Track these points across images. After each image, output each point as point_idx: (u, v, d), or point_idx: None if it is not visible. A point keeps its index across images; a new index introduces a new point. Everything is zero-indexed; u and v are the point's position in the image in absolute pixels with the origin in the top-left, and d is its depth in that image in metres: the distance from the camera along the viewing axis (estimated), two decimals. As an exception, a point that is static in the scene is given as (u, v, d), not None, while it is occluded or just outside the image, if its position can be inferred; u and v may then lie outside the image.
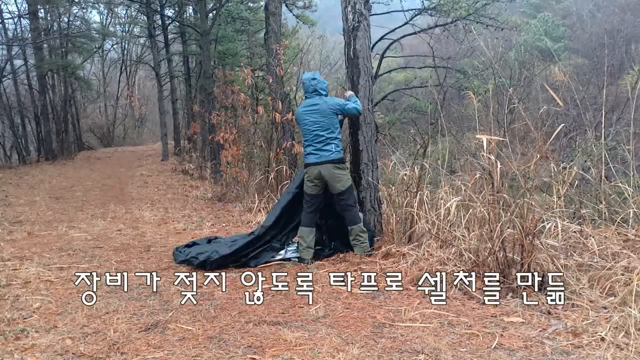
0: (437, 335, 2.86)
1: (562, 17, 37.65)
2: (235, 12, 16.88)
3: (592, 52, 20.81)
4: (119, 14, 25.11)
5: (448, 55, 13.92)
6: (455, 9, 11.36)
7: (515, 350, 2.64)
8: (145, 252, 5.25)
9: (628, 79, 15.99)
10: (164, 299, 3.62)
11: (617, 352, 2.54)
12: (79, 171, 15.12)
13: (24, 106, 18.42)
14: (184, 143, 17.69)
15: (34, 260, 4.90)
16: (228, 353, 2.70)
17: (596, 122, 6.08)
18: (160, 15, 17.19)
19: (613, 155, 4.96)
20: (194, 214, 7.86)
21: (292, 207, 4.87)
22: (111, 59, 28.94)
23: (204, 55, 12.48)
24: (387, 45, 13.02)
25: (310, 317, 3.18)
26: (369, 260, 4.45)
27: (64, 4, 18.01)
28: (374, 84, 5.49)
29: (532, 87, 14.96)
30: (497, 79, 8.47)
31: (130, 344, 2.84)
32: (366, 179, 4.90)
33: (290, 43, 12.19)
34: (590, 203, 4.39)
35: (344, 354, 2.62)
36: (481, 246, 3.77)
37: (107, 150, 22.19)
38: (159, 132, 19.86)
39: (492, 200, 3.73)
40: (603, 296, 3.17)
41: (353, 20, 4.87)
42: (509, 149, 4.09)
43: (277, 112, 7.97)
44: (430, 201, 4.83)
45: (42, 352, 2.76)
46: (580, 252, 3.71)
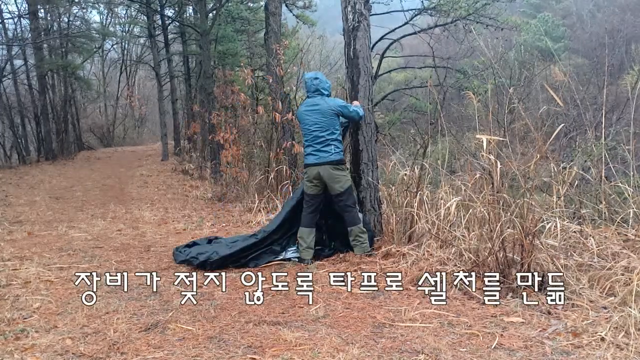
0: (437, 335, 2.86)
1: (562, 17, 37.63)
2: (235, 12, 16.88)
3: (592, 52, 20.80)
4: (119, 14, 25.12)
5: (448, 55, 13.92)
6: (455, 9, 11.36)
7: (515, 350, 2.64)
8: (145, 252, 5.25)
9: (628, 79, 15.99)
10: (164, 299, 3.62)
11: (617, 352, 2.54)
12: (79, 171, 15.12)
13: (24, 106, 18.41)
14: (184, 143, 17.69)
15: (34, 260, 4.90)
16: (228, 353, 2.70)
17: (596, 122, 6.08)
18: (160, 15, 17.19)
19: (613, 155, 4.96)
20: (194, 214, 7.86)
21: (295, 213, 4.88)
22: (111, 59, 28.93)
23: (204, 55, 12.49)
24: (387, 45, 13.02)
25: (310, 317, 3.18)
26: (369, 260, 4.45)
27: (64, 4, 18.00)
28: (374, 84, 5.49)
29: (532, 87, 14.97)
30: (497, 79, 8.47)
31: (130, 344, 2.84)
32: (366, 179, 4.90)
33: (290, 43, 12.18)
34: (590, 203, 4.39)
35: (344, 354, 2.62)
36: (481, 246, 3.77)
37: (107, 150, 22.18)
38: (159, 132, 19.86)
39: (492, 200, 3.73)
40: (603, 296, 3.17)
41: (353, 20, 4.87)
42: (509, 149, 4.09)
43: (277, 112, 7.97)
44: (430, 201, 4.83)
45: (42, 352, 2.76)
46: (580, 252, 3.72)
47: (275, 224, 4.87)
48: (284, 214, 4.95)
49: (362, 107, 4.81)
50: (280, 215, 5.00)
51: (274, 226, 4.85)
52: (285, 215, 4.91)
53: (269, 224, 5.07)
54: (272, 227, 4.84)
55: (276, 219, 5.00)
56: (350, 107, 4.69)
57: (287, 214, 4.91)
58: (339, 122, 4.76)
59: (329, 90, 4.82)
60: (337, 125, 4.70)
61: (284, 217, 4.91)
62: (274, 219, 5.10)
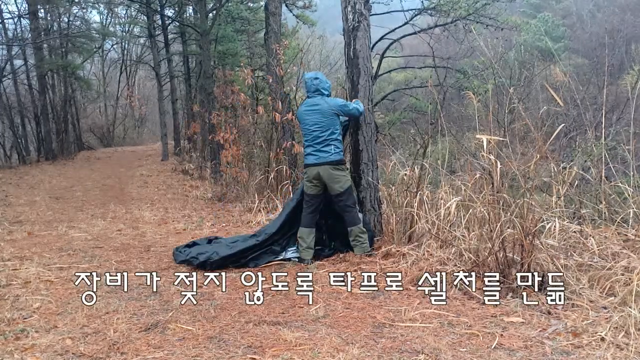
0: (437, 335, 2.86)
1: (562, 17, 37.63)
2: (235, 12, 16.88)
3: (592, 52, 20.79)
4: (119, 14, 25.11)
5: (448, 55, 13.91)
6: (455, 9, 11.35)
7: (515, 350, 2.64)
8: (145, 252, 5.25)
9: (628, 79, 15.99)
10: (164, 299, 3.62)
11: (617, 352, 2.54)
12: (79, 171, 15.12)
13: (24, 106, 18.41)
14: (184, 143, 17.69)
15: (34, 260, 4.90)
16: (228, 353, 2.70)
17: (596, 122, 6.08)
18: (160, 15, 17.19)
19: (613, 155, 4.96)
20: (194, 214, 7.86)
21: (295, 214, 4.88)
22: (111, 59, 28.93)
23: (204, 55, 12.49)
24: (387, 45, 13.02)
25: (310, 317, 3.18)
26: (369, 260, 4.45)
27: (64, 4, 18.01)
28: (374, 84, 5.49)
29: (532, 87, 14.97)
30: (497, 79, 8.47)
31: (130, 344, 2.84)
32: (366, 179, 4.90)
33: (290, 43, 12.18)
34: (590, 203, 4.39)
35: (344, 354, 2.62)
36: (481, 246, 3.77)
37: (107, 150, 22.18)
38: (159, 132, 19.86)
39: (492, 200, 3.73)
40: (603, 296, 3.17)
41: (353, 20, 4.87)
42: (509, 149, 4.09)
43: (277, 112, 7.97)
44: (430, 201, 4.83)
45: (42, 352, 2.76)
46: (580, 252, 3.71)
47: (276, 226, 4.88)
48: (284, 216, 4.96)
49: (360, 102, 4.81)
50: (281, 216, 5.01)
51: (275, 228, 4.86)
52: (286, 217, 4.92)
53: (269, 225, 5.07)
54: (273, 229, 4.85)
55: (277, 221, 5.00)
56: (350, 105, 4.69)
57: (287, 216, 4.92)
58: (340, 122, 4.76)
59: (329, 90, 4.82)
60: (338, 125, 4.70)
61: (284, 218, 4.91)
62: (274, 220, 5.10)
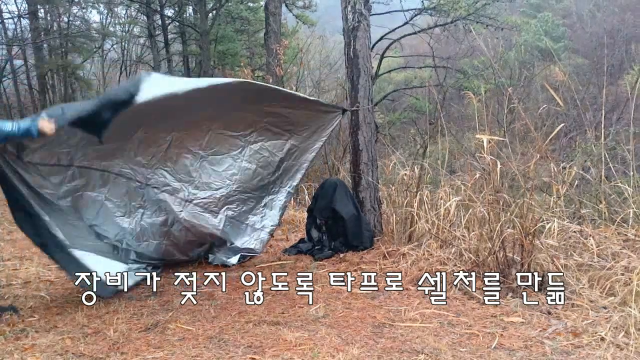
0: (437, 335, 2.86)
1: (562, 17, 37.60)
2: (235, 12, 16.89)
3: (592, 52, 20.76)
4: (118, 14, 25.01)
5: (448, 55, 13.91)
6: (455, 9, 11.35)
7: (515, 350, 2.64)
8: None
9: (628, 79, 15.97)
10: (164, 299, 3.62)
11: (617, 352, 2.54)
12: (79, 171, 15.08)
13: (24, 106, 18.40)
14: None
15: (34, 260, 4.89)
16: (228, 353, 2.70)
17: (596, 122, 6.08)
18: (160, 15, 17.20)
19: (613, 155, 4.96)
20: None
21: None
22: (111, 59, 28.85)
23: (204, 55, 12.50)
24: (387, 45, 13.03)
25: (310, 317, 3.18)
26: (369, 260, 4.45)
27: (64, 4, 17.99)
28: (374, 84, 5.50)
29: (532, 87, 14.95)
30: (497, 79, 8.47)
31: (130, 344, 2.84)
32: (366, 179, 4.90)
33: (290, 43, 12.18)
34: (590, 203, 4.39)
35: (344, 354, 2.62)
36: (481, 246, 3.77)
37: (107, 150, 22.13)
38: (159, 132, 19.82)
39: (492, 200, 3.73)
40: (603, 296, 3.17)
41: (353, 20, 4.87)
42: (509, 149, 4.09)
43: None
44: (430, 201, 4.82)
45: (42, 352, 2.76)
46: (580, 252, 3.71)
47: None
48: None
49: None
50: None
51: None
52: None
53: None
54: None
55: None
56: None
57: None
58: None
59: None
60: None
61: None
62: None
